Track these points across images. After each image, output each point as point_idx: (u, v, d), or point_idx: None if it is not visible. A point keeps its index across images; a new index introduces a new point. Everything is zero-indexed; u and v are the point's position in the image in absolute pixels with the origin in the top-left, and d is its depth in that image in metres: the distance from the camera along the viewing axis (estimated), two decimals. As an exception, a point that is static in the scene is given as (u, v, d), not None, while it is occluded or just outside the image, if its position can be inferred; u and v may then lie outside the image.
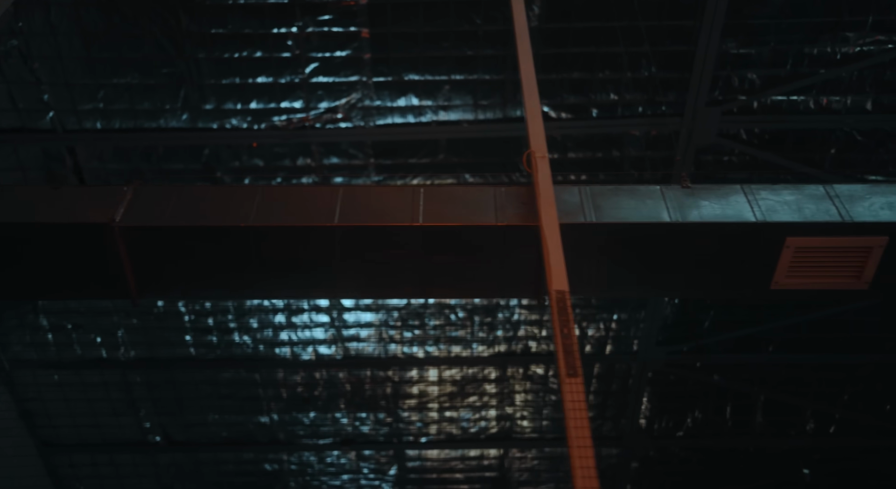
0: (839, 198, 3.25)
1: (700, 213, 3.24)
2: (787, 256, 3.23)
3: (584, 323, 8.69)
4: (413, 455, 9.94)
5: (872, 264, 3.22)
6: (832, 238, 3.17)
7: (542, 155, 3.35)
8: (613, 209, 3.28)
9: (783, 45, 6.68)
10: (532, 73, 3.80)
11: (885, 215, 3.18)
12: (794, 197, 3.28)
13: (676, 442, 9.76)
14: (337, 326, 8.67)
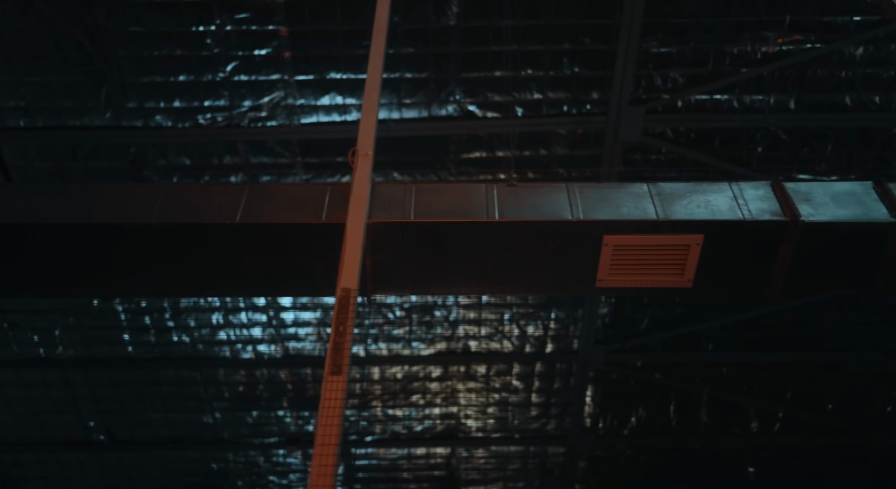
0: (660, 196, 3.25)
1: (520, 212, 3.23)
2: (607, 254, 3.22)
3: (522, 322, 8.69)
4: (360, 454, 9.94)
5: (692, 262, 3.22)
6: (649, 236, 3.17)
7: (365, 153, 3.34)
8: (435, 207, 3.27)
9: (703, 44, 6.69)
10: (378, 72, 3.79)
11: (701, 213, 3.18)
12: (616, 195, 3.28)
13: (622, 440, 9.77)
14: (275, 325, 8.66)
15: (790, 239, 3.20)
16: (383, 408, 9.50)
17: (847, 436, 9.59)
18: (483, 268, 3.36)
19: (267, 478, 10.25)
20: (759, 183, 3.34)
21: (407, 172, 7.42)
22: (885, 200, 3.26)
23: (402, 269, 3.33)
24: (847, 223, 3.20)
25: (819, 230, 3.20)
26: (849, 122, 7.03)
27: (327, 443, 2.34)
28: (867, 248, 3.25)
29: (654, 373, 9.16)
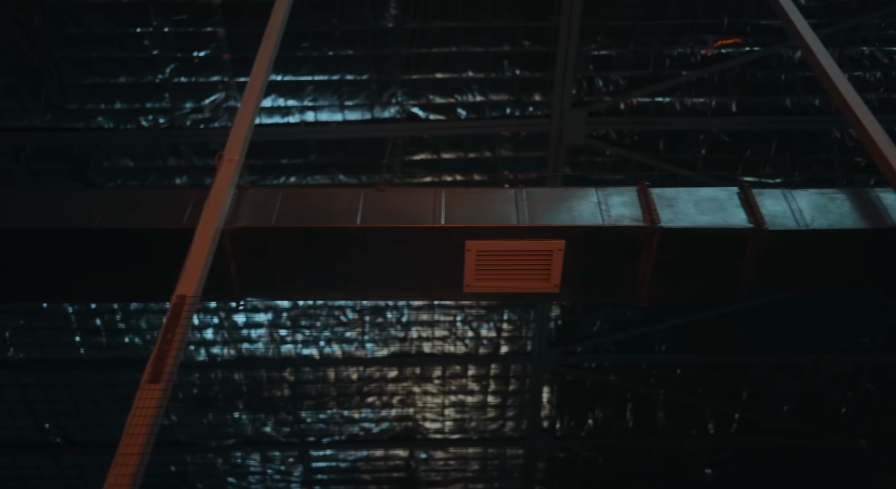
0: (525, 201, 3.25)
1: (383, 217, 3.22)
2: (471, 259, 3.22)
3: (475, 323, 8.70)
4: (318, 456, 9.93)
5: (557, 267, 3.22)
6: (511, 241, 3.17)
7: (230, 158, 3.33)
8: (300, 212, 3.26)
9: (643, 46, 6.71)
10: (261, 75, 3.77)
11: (562, 219, 3.18)
12: (483, 200, 3.27)
13: (580, 442, 9.79)
14: (227, 327, 8.64)
15: (650, 244, 3.20)
16: (339, 410, 9.49)
17: (804, 438, 9.62)
18: (348, 273, 3.36)
19: (226, 479, 10.23)
20: (626, 189, 3.35)
21: (352, 175, 7.42)
22: (746, 207, 3.26)
23: (268, 275, 3.32)
24: (705, 229, 3.20)
25: (677, 235, 3.20)
26: (791, 124, 7.06)
27: (130, 452, 2.32)
28: (727, 254, 3.26)
29: (609, 375, 9.18)
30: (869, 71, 6.72)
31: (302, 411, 9.50)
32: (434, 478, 10.29)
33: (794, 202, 3.29)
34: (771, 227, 3.20)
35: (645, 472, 10.21)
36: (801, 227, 3.19)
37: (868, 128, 3.36)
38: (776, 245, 3.20)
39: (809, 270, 3.31)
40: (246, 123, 3.46)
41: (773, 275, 3.31)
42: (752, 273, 3.29)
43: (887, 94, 6.83)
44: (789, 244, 3.20)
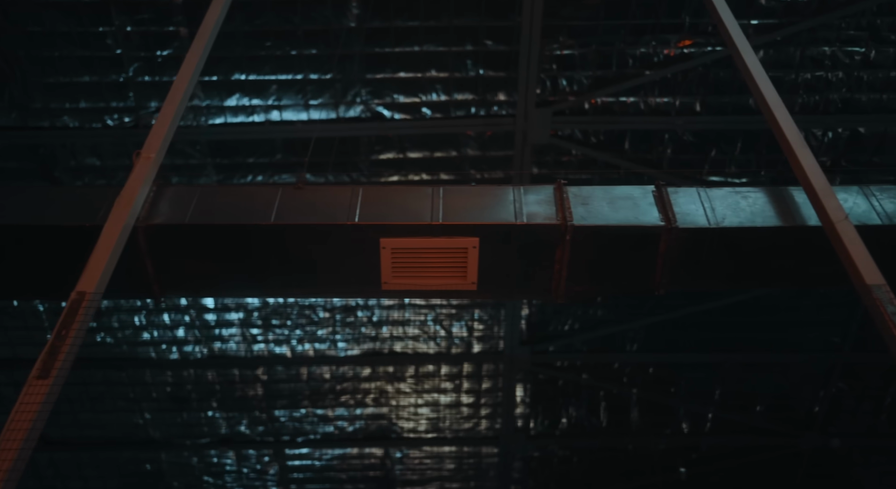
0: (441, 199, 3.26)
1: (298, 215, 3.24)
2: (387, 257, 3.23)
3: (446, 322, 8.71)
4: (293, 454, 9.94)
5: (473, 265, 3.24)
6: (426, 239, 3.18)
7: (147, 155, 3.35)
8: (217, 210, 3.28)
9: (606, 46, 6.72)
10: (189, 74, 3.78)
11: (476, 217, 3.20)
12: (401, 197, 3.29)
13: (555, 441, 9.81)
14: (198, 326, 8.65)
15: (562, 242, 3.22)
16: (313, 409, 9.51)
17: (778, 437, 9.63)
18: (264, 270, 3.37)
19: (201, 478, 10.24)
20: (543, 187, 3.37)
21: (320, 174, 7.43)
22: (660, 205, 3.28)
23: (186, 273, 3.34)
24: (617, 226, 3.22)
25: (589, 233, 3.22)
26: (754, 124, 7.07)
27: (8, 448, 2.33)
28: (641, 251, 3.28)
29: (581, 374, 9.19)
30: (830, 71, 6.74)
31: (276, 410, 9.52)
32: (410, 477, 10.31)
33: (707, 201, 3.32)
34: (682, 225, 3.22)
35: (620, 471, 10.23)
36: (711, 225, 3.21)
37: (783, 127, 3.38)
38: (687, 242, 3.22)
39: (721, 267, 3.33)
40: (167, 122, 3.47)
41: (686, 271, 3.33)
42: (667, 269, 3.31)
43: (850, 94, 6.85)
44: (700, 241, 3.22)
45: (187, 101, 3.75)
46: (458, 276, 3.29)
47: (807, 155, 3.26)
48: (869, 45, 6.61)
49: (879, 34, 6.54)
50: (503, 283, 3.38)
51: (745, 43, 4.11)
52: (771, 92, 3.66)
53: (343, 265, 3.34)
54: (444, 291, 3.35)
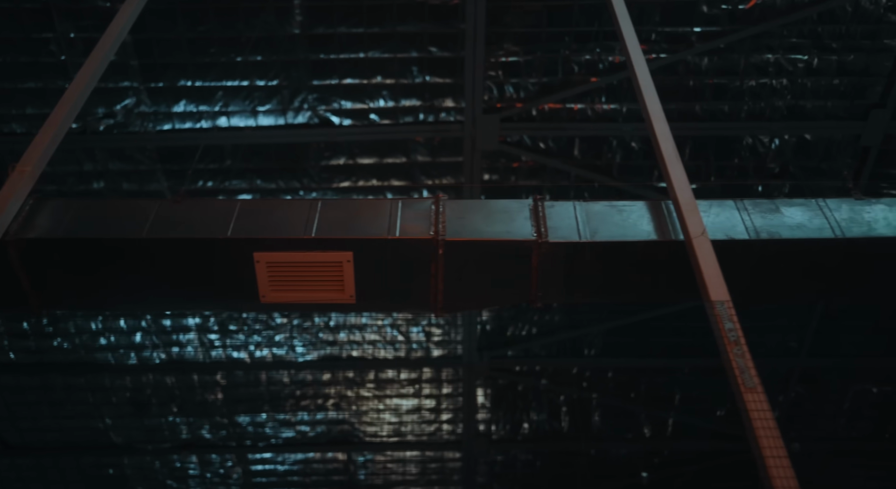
0: (318, 213, 3.27)
1: (172, 229, 3.24)
2: (263, 271, 3.25)
3: (404, 327, 8.72)
4: (256, 459, 9.94)
5: (349, 278, 3.26)
6: (300, 253, 3.20)
7: (22, 169, 3.35)
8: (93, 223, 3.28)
9: (551, 53, 6.74)
10: (84, 82, 3.79)
11: (350, 231, 3.21)
12: (276, 211, 3.29)
13: (517, 445, 9.81)
14: (154, 331, 8.65)
15: (436, 256, 3.23)
16: (274, 414, 9.51)
17: (739, 441, 9.64)
18: (140, 285, 3.38)
19: (165, 482, 10.23)
20: (424, 200, 3.37)
21: (270, 180, 7.43)
22: (534, 219, 3.30)
23: (63, 286, 3.34)
24: (489, 241, 3.23)
25: (462, 247, 3.24)
26: (702, 131, 7.09)
27: None
28: (514, 265, 3.29)
29: (541, 379, 9.21)
30: (775, 78, 6.76)
31: (237, 415, 9.52)
32: (374, 482, 10.31)
33: (582, 215, 3.33)
34: (552, 240, 3.24)
35: (584, 476, 10.24)
36: (582, 240, 3.23)
37: (659, 138, 3.41)
38: (559, 256, 3.24)
39: (595, 280, 3.35)
40: (49, 135, 3.48)
41: (560, 285, 3.35)
42: (542, 282, 3.33)
43: (794, 101, 6.87)
44: (572, 255, 3.24)
45: (75, 113, 3.74)
46: (336, 290, 3.30)
47: (678, 168, 3.28)
48: (812, 53, 6.63)
49: (821, 42, 6.56)
50: (382, 297, 3.40)
51: (638, 50, 4.15)
52: (654, 102, 3.68)
53: (220, 279, 3.35)
54: (323, 305, 3.36)
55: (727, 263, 3.08)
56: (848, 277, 3.35)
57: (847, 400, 9.24)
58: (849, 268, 3.32)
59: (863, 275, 3.35)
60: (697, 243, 2.91)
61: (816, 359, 8.82)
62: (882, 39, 6.50)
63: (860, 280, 3.36)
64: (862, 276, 3.35)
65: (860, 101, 6.85)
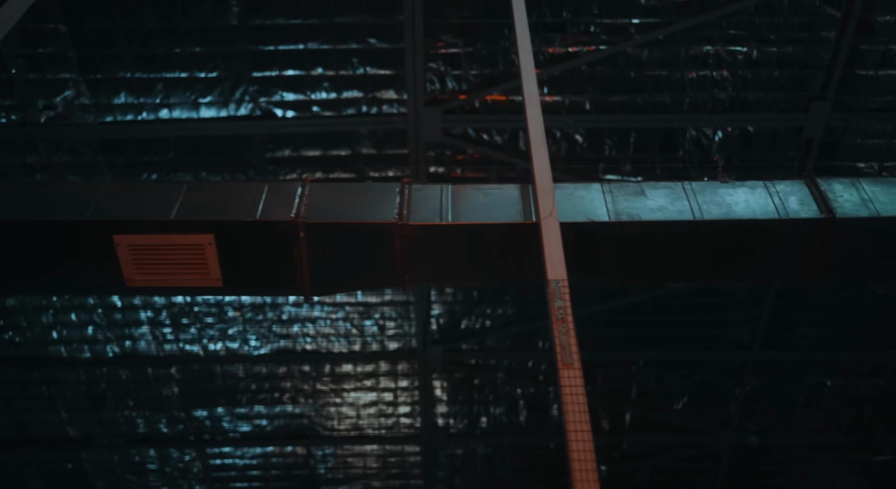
0: (185, 195, 3.26)
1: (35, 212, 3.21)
2: (125, 254, 3.23)
3: (357, 320, 8.71)
4: (215, 453, 9.92)
5: (213, 261, 3.24)
6: (160, 236, 3.19)
7: None
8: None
9: (490, 44, 6.72)
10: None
11: (213, 213, 3.20)
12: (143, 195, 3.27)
13: (476, 439, 9.81)
14: (105, 325, 8.62)
15: (298, 238, 3.23)
16: (231, 408, 9.49)
17: (696, 435, 9.67)
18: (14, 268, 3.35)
19: (124, 477, 10.21)
20: (292, 183, 3.36)
21: (215, 172, 7.41)
22: (400, 202, 3.28)
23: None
24: (350, 223, 3.22)
25: (324, 230, 3.23)
26: (646, 122, 7.08)
27: None
28: (376, 247, 3.28)
29: (497, 373, 9.21)
30: (715, 70, 6.75)
31: (194, 409, 9.50)
32: (336, 476, 10.30)
33: (447, 198, 3.32)
34: (413, 222, 3.23)
35: (544, 470, 10.25)
36: (443, 222, 3.22)
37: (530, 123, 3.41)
38: (422, 238, 3.23)
39: (459, 262, 3.34)
40: None
41: (426, 266, 3.34)
42: (407, 264, 3.32)
43: (736, 92, 6.87)
44: (434, 237, 3.23)
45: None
46: (201, 273, 3.29)
47: (541, 152, 3.27)
48: (751, 45, 6.63)
49: (760, 33, 6.56)
50: (249, 280, 3.39)
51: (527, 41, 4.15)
52: (532, 85, 3.68)
53: (84, 263, 3.33)
54: (191, 288, 3.35)
55: (590, 244, 3.07)
56: (708, 258, 3.35)
57: (802, 392, 9.26)
58: (709, 250, 3.33)
59: (723, 255, 3.35)
60: (545, 224, 2.90)
61: (770, 351, 8.83)
62: (819, 31, 6.50)
63: (721, 260, 3.36)
64: (722, 257, 3.36)
65: (801, 94, 6.85)
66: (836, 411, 9.41)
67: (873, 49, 6.53)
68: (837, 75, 6.63)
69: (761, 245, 3.27)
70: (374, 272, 3.34)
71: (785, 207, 3.26)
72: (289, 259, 3.28)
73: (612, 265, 3.28)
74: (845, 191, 3.32)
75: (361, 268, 3.35)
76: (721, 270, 3.43)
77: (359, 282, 3.45)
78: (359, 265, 3.33)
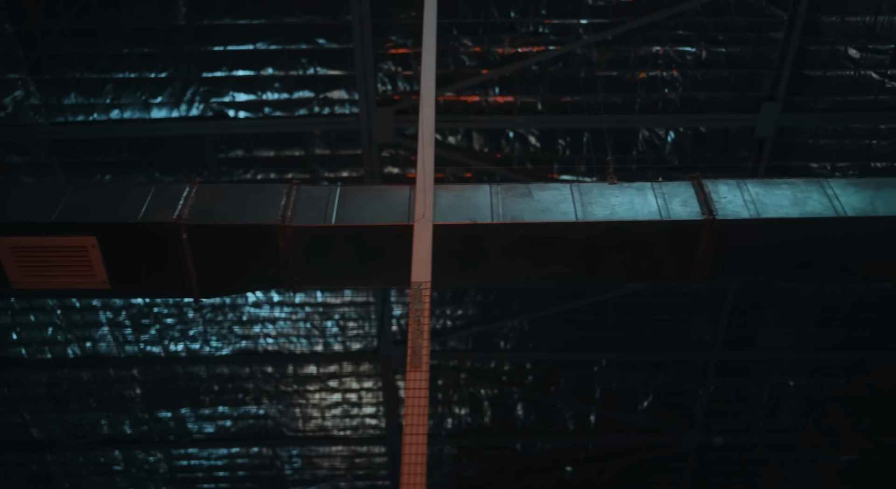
0: (70, 196, 3.24)
1: None
2: (8, 256, 3.21)
3: (317, 321, 8.69)
4: (180, 454, 9.90)
5: (98, 263, 3.23)
6: (40, 238, 3.17)
7: None
8: None
9: (440, 44, 6.69)
10: None
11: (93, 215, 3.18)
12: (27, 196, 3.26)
13: (442, 440, 9.80)
14: (63, 327, 8.60)
15: (181, 240, 3.21)
16: (196, 409, 9.47)
17: (662, 435, 9.67)
18: None
19: (90, 479, 10.19)
20: (180, 184, 3.35)
21: (169, 173, 7.40)
22: (285, 203, 3.27)
23: None
24: (233, 225, 3.21)
25: (207, 231, 3.21)
26: (598, 123, 7.07)
27: None
28: (262, 248, 3.27)
29: (460, 373, 9.20)
30: (665, 70, 6.75)
31: (158, 410, 9.47)
32: (303, 477, 10.28)
33: (337, 199, 3.31)
34: (297, 224, 3.22)
35: (511, 470, 10.23)
36: (326, 223, 3.21)
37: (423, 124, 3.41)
38: (305, 239, 3.22)
39: (345, 262, 3.33)
40: None
41: (314, 269, 3.33)
42: (293, 266, 3.31)
43: (686, 92, 6.87)
44: (319, 239, 3.22)
45: None
46: (87, 275, 3.27)
47: (428, 154, 3.26)
48: (700, 45, 6.62)
49: (708, 34, 6.55)
50: (137, 282, 3.37)
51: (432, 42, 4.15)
52: (430, 88, 3.67)
53: None
54: (78, 290, 3.34)
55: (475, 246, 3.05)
56: (592, 259, 3.34)
57: (766, 393, 9.26)
58: (593, 251, 3.32)
59: (607, 257, 3.34)
60: (417, 226, 2.89)
61: (731, 352, 8.83)
62: (767, 32, 6.49)
63: (605, 261, 3.35)
64: (607, 258, 3.35)
65: (752, 94, 6.85)
66: (801, 411, 9.42)
67: (821, 50, 6.53)
68: (787, 76, 6.63)
69: (644, 246, 3.27)
70: (263, 274, 3.32)
71: (668, 209, 3.26)
72: (175, 261, 3.26)
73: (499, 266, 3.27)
74: (730, 192, 3.32)
75: (250, 270, 3.33)
76: (606, 271, 3.43)
77: (248, 284, 3.44)
78: (247, 267, 3.31)
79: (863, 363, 8.86)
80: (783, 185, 3.37)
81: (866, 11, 6.26)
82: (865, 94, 6.71)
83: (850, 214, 3.34)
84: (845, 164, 7.13)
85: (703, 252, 3.24)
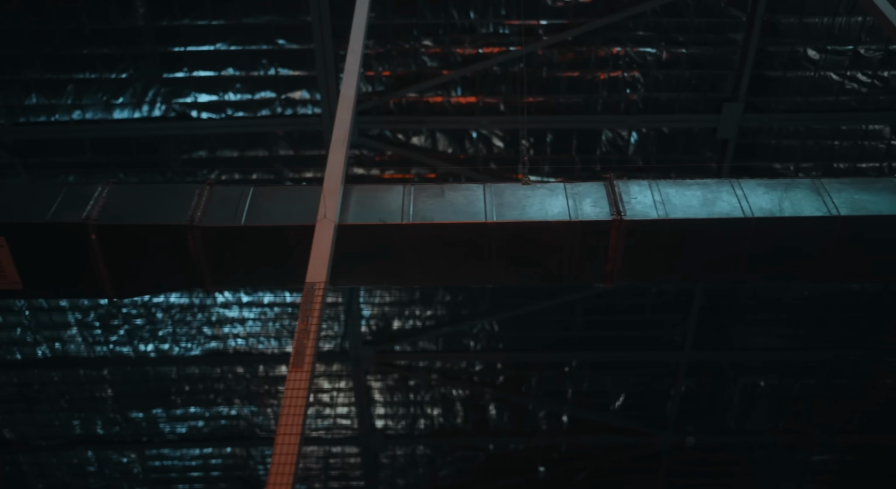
0: None
1: None
2: None
3: (286, 321, 8.69)
4: (154, 455, 9.88)
5: (8, 263, 3.22)
6: None
7: None
8: None
9: (400, 45, 6.70)
10: None
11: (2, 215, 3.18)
12: None
13: (415, 441, 9.80)
14: (33, 327, 8.58)
15: (89, 240, 3.20)
16: (168, 410, 9.45)
17: (634, 435, 9.67)
18: None
19: (64, 479, 10.17)
20: (94, 185, 3.34)
21: (133, 173, 7.38)
22: (196, 204, 3.26)
23: None
24: (142, 225, 3.20)
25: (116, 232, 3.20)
26: (561, 124, 7.07)
27: None
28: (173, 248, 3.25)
29: (431, 374, 9.19)
30: (626, 71, 6.75)
31: (130, 411, 9.46)
32: (277, 477, 10.26)
33: (248, 199, 3.30)
34: (206, 224, 3.21)
35: (484, 471, 10.24)
36: (235, 224, 3.21)
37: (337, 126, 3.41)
38: (213, 240, 3.21)
39: (262, 265, 3.32)
40: None
41: (228, 269, 3.32)
42: (203, 267, 3.30)
43: (648, 93, 6.87)
44: (225, 240, 3.21)
45: None
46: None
47: (338, 154, 3.25)
48: (660, 46, 6.62)
49: (668, 34, 6.55)
50: (51, 282, 3.36)
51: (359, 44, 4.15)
52: (350, 90, 3.66)
53: None
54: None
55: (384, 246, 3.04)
56: (504, 260, 3.34)
57: (736, 393, 9.27)
58: (504, 251, 3.31)
59: (518, 257, 3.34)
60: (318, 226, 2.90)
61: (701, 352, 8.83)
62: (726, 33, 6.50)
63: (517, 262, 3.35)
64: (518, 259, 3.34)
65: (713, 95, 6.85)
66: (772, 411, 9.42)
67: (780, 50, 6.53)
68: (747, 76, 6.63)
69: (554, 247, 3.27)
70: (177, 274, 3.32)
71: (577, 209, 3.26)
72: (86, 261, 3.26)
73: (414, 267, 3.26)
74: (640, 193, 3.31)
75: (163, 271, 3.33)
76: (518, 272, 3.42)
77: (162, 285, 3.43)
78: (159, 267, 3.31)
79: (832, 363, 8.86)
80: (694, 186, 3.37)
81: (824, 13, 6.27)
82: (826, 95, 6.71)
83: (757, 215, 3.36)
84: (808, 165, 7.13)
85: (613, 252, 3.24)
